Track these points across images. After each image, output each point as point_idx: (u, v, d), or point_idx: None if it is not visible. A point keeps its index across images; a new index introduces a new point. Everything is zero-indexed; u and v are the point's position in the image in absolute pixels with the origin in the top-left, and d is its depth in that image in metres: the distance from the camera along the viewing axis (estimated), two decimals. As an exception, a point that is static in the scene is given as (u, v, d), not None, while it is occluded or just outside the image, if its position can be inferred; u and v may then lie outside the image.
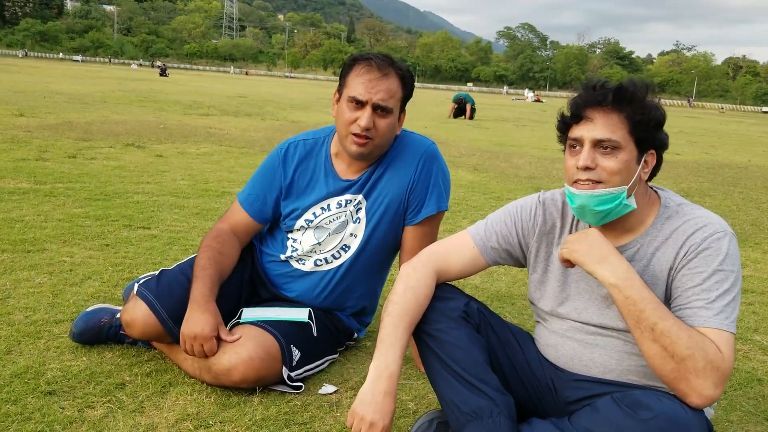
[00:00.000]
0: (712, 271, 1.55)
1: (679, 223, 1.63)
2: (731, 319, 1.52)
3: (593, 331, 1.73)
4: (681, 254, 1.60)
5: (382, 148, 2.21)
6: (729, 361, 1.48)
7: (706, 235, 1.58)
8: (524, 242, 1.84)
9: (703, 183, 8.42)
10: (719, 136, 20.22)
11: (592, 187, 1.59)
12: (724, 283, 1.54)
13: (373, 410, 1.60)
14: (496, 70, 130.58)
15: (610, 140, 1.57)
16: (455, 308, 1.76)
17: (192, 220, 4.41)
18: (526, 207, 1.84)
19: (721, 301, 1.53)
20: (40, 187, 5.04)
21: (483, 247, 1.85)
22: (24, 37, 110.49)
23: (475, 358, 1.68)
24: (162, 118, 12.12)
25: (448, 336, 1.71)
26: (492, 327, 1.84)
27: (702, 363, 1.44)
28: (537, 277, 1.84)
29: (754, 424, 2.15)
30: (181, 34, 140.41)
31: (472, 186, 6.86)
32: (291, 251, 2.36)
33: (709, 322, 1.51)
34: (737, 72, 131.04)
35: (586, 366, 1.73)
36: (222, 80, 46.44)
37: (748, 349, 2.79)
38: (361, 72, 2.12)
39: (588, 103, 1.60)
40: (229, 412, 1.98)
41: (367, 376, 1.65)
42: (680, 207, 1.67)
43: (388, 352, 1.66)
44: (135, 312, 2.16)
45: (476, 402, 1.61)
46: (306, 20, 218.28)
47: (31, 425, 1.82)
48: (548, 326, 1.83)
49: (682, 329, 1.47)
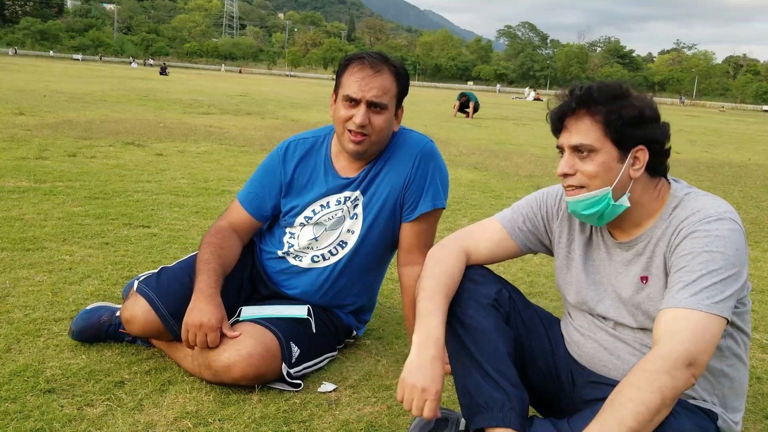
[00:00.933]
0: (698, 253, 1.48)
1: (679, 211, 1.61)
2: (714, 300, 1.42)
3: (612, 332, 1.71)
4: (671, 240, 1.58)
5: (379, 144, 2.22)
6: (699, 345, 1.39)
7: (696, 219, 1.54)
8: (548, 226, 1.85)
9: (703, 182, 8.42)
10: (719, 135, 20.22)
11: (576, 192, 1.61)
12: (710, 264, 1.46)
13: (423, 376, 1.55)
14: (497, 69, 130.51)
15: (584, 144, 1.57)
16: (487, 295, 1.75)
17: (192, 218, 4.41)
18: (552, 192, 1.86)
19: (703, 282, 1.44)
20: (39, 185, 5.04)
21: (511, 228, 1.85)
22: (24, 36, 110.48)
23: (499, 349, 1.67)
24: (162, 116, 12.12)
25: (476, 323, 1.70)
26: (521, 315, 1.83)
27: (670, 393, 1.36)
28: (560, 264, 1.84)
29: (753, 423, 2.15)
30: (182, 33, 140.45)
31: (473, 185, 6.86)
32: (288, 247, 2.37)
33: (681, 303, 1.43)
34: (738, 71, 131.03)
35: (606, 367, 1.72)
36: (222, 79, 46.45)
37: (747, 348, 2.79)
38: (354, 71, 2.14)
39: (559, 113, 1.63)
40: (228, 410, 1.98)
41: (411, 348, 1.61)
42: (686, 196, 1.63)
43: (428, 319, 1.63)
44: (135, 309, 2.16)
45: (490, 393, 1.61)
46: (306, 19, 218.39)
47: (31, 423, 1.82)
48: (573, 321, 1.83)
49: (637, 403, 1.35)
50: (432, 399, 1.53)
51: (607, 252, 1.74)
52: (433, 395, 1.53)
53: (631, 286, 1.67)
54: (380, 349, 2.56)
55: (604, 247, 1.75)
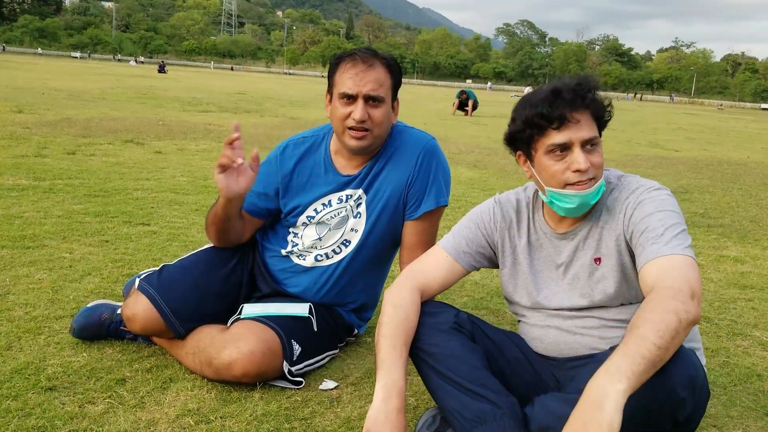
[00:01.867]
0: (652, 214, 1.62)
1: (617, 193, 1.74)
2: (684, 246, 1.55)
3: (568, 315, 1.80)
4: (621, 218, 1.69)
5: (380, 138, 2.21)
6: (693, 281, 1.48)
7: (638, 193, 1.69)
8: (491, 240, 1.93)
9: (702, 180, 8.42)
10: (718, 133, 20.22)
11: (591, 184, 1.67)
12: (668, 220, 1.60)
13: (389, 428, 1.61)
14: (495, 67, 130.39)
15: (595, 137, 1.67)
16: (445, 321, 1.80)
17: (191, 216, 4.40)
18: (485, 209, 1.95)
19: (669, 233, 1.57)
20: (39, 183, 5.04)
21: (456, 254, 1.93)
22: (22, 34, 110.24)
23: (473, 364, 1.70)
24: (161, 114, 12.11)
25: (443, 349, 1.74)
26: (485, 333, 1.88)
27: (684, 316, 1.40)
28: (507, 272, 1.92)
29: (754, 420, 2.15)
30: (180, 31, 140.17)
31: (472, 182, 6.86)
32: (292, 246, 2.36)
33: (660, 251, 1.54)
34: (736, 69, 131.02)
35: (573, 348, 1.79)
36: (220, 77, 46.39)
37: (747, 345, 2.80)
38: (347, 68, 2.13)
39: (566, 109, 1.64)
40: (229, 408, 1.98)
41: (375, 396, 1.65)
42: (620, 180, 1.77)
43: (391, 370, 1.67)
44: (136, 306, 2.16)
45: (479, 407, 1.62)
46: (305, 17, 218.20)
47: (32, 421, 1.82)
48: (528, 321, 1.90)
49: (656, 323, 1.38)
50: None
51: (552, 246, 1.84)
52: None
53: (584, 269, 1.77)
54: (381, 346, 2.55)
55: (547, 242, 1.84)
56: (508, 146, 1.81)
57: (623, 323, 1.73)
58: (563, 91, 1.64)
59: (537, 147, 1.70)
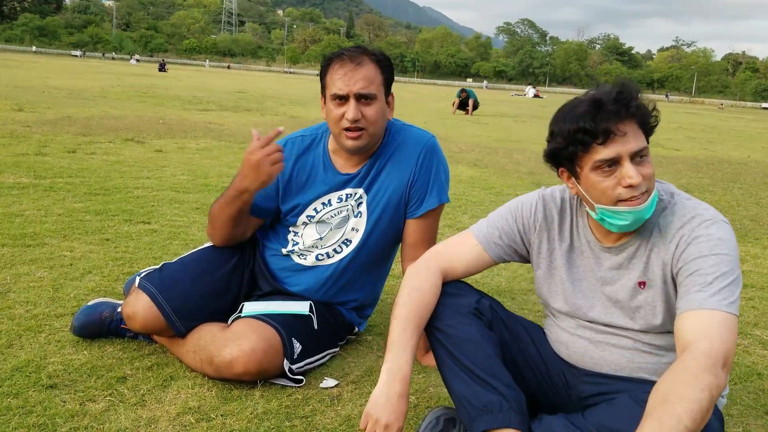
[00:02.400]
0: (706, 257, 1.51)
1: (671, 216, 1.61)
2: (730, 300, 1.47)
3: (602, 330, 1.73)
4: (672, 248, 1.58)
5: (376, 136, 2.21)
6: (729, 346, 1.42)
7: (694, 225, 1.56)
8: (526, 238, 1.83)
9: (702, 179, 8.42)
10: (718, 132, 20.21)
11: (645, 197, 1.55)
12: (721, 266, 1.49)
13: (388, 412, 1.61)
14: (496, 66, 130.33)
15: (644, 148, 1.54)
16: (466, 305, 1.76)
17: (192, 214, 4.41)
18: (527, 203, 1.83)
19: (718, 284, 1.48)
20: (39, 181, 5.04)
21: (486, 244, 1.84)
22: (23, 32, 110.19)
23: (487, 353, 1.68)
24: (161, 113, 12.11)
25: (459, 332, 1.71)
26: (504, 322, 1.84)
27: (716, 392, 1.35)
28: (542, 274, 1.84)
29: (754, 418, 2.15)
30: (180, 30, 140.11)
31: (472, 181, 6.86)
32: (292, 245, 2.36)
33: (704, 304, 1.46)
34: (737, 68, 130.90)
35: (597, 364, 1.73)
36: (219, 76, 46.38)
37: (748, 344, 2.80)
38: (336, 68, 2.13)
39: (613, 119, 1.52)
40: (230, 406, 1.98)
41: (380, 379, 1.65)
42: (673, 198, 1.65)
43: (399, 354, 1.66)
44: (137, 304, 2.16)
45: (487, 396, 1.61)
46: (305, 15, 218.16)
47: (33, 418, 1.82)
48: (558, 323, 1.83)
49: (690, 402, 1.33)
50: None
51: (594, 257, 1.73)
52: (395, 431, 1.61)
53: (626, 290, 1.68)
54: (381, 345, 2.55)
55: (589, 251, 1.74)
56: (548, 162, 1.68)
57: (657, 350, 1.67)
58: (605, 102, 1.51)
59: (582, 164, 1.57)
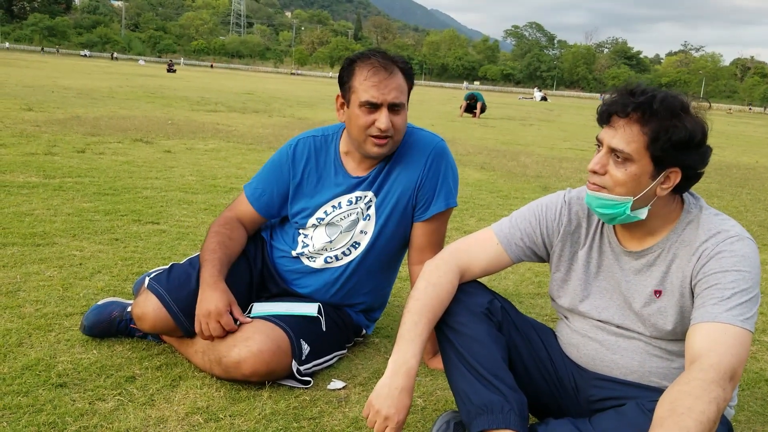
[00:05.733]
0: (728, 271, 1.52)
1: (695, 230, 1.62)
2: (746, 316, 1.48)
3: (614, 331, 1.73)
4: (694, 261, 1.59)
5: (399, 143, 2.22)
6: (738, 360, 1.43)
7: (719, 240, 1.56)
8: (548, 241, 1.82)
9: (711, 184, 8.39)
10: (727, 137, 20.14)
11: (598, 189, 1.60)
12: (741, 283, 1.50)
13: (389, 405, 1.61)
14: (504, 69, 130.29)
15: (623, 152, 1.54)
16: (479, 304, 1.76)
17: (200, 215, 4.42)
18: (552, 206, 1.82)
19: (736, 299, 1.49)
20: (49, 181, 5.07)
21: (507, 244, 1.83)
22: (32, 32, 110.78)
23: (493, 354, 1.68)
24: (170, 114, 12.15)
25: (468, 329, 1.71)
26: (515, 324, 1.84)
27: (723, 404, 1.36)
28: (560, 276, 1.83)
29: (761, 425, 2.15)
30: (189, 31, 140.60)
31: (480, 184, 6.85)
32: (302, 248, 2.37)
33: (719, 318, 1.47)
34: (745, 73, 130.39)
35: (608, 367, 1.73)
36: (227, 77, 46.49)
37: (756, 350, 2.79)
38: (368, 75, 2.10)
39: (614, 109, 1.56)
40: (238, 406, 1.99)
41: (386, 371, 1.66)
42: (700, 213, 1.64)
43: (406, 348, 1.66)
44: (146, 305, 2.17)
45: (488, 396, 1.62)
46: (313, 17, 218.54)
47: (43, 417, 1.84)
48: (570, 324, 1.83)
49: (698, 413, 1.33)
50: (393, 428, 1.61)
51: (615, 259, 1.74)
52: (394, 424, 1.61)
53: (641, 297, 1.68)
54: (389, 347, 2.56)
55: (612, 254, 1.74)
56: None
57: (668, 354, 1.68)
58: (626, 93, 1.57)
59: None
